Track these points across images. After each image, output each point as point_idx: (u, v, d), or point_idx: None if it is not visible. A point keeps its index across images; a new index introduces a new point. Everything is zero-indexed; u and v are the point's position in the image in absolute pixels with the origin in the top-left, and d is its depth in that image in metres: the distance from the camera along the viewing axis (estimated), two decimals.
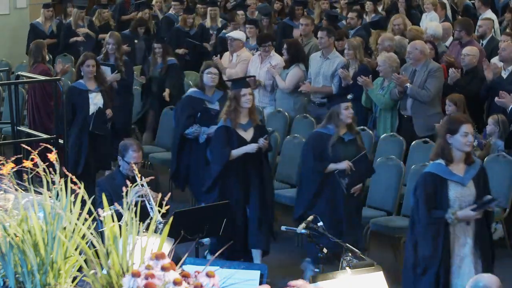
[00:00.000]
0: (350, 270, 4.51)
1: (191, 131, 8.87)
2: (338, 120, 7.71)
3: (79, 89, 9.70)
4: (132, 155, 7.09)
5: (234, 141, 7.96)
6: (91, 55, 9.91)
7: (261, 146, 7.98)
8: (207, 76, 8.88)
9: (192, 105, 8.94)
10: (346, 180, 7.66)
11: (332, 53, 10.47)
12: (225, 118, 8.00)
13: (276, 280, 4.11)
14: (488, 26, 11.24)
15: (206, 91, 8.93)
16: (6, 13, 15.80)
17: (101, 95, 9.74)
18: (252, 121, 8.08)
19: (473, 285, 4.29)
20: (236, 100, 7.95)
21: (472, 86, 9.52)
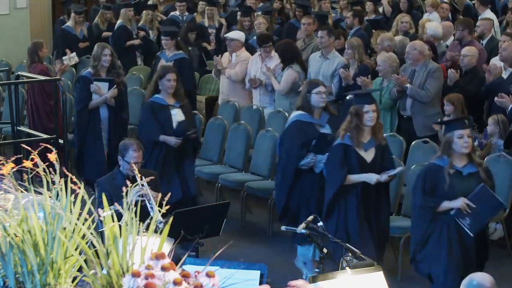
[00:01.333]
0: (350, 270, 4.51)
1: (306, 162, 7.81)
2: (451, 150, 6.71)
3: (159, 104, 8.76)
4: (132, 154, 7.10)
5: (353, 161, 7.17)
6: (172, 69, 9.00)
7: (382, 180, 7.17)
8: (315, 97, 7.84)
9: (303, 131, 7.86)
10: (468, 221, 6.66)
11: (331, 53, 10.46)
12: (344, 135, 7.18)
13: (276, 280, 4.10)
14: (487, 26, 11.24)
15: (314, 114, 7.93)
16: (6, 13, 15.81)
17: (182, 111, 8.83)
18: (375, 140, 7.24)
19: (467, 283, 4.31)
20: (358, 116, 7.12)
21: (472, 86, 9.52)
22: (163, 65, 9.66)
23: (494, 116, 8.66)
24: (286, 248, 8.58)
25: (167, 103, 8.74)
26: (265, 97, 10.77)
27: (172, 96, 8.76)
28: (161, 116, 8.73)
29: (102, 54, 9.74)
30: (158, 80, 8.78)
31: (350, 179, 7.16)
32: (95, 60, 9.79)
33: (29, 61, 10.93)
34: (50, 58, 14.02)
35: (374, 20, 13.06)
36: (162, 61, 10.83)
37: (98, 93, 9.72)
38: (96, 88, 9.70)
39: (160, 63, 10.57)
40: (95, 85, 9.68)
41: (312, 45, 11.51)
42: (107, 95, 9.72)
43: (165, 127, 8.71)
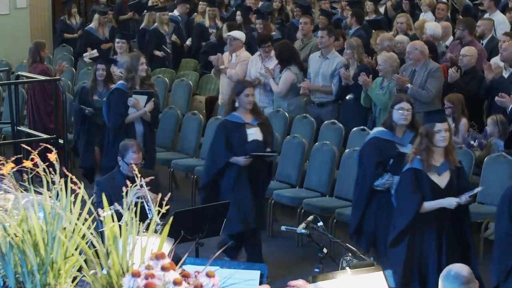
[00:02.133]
0: (350, 270, 4.51)
1: (382, 182, 7.22)
2: None
3: (234, 123, 7.95)
4: (132, 156, 7.10)
5: (425, 188, 6.55)
6: (249, 83, 8.32)
7: (463, 203, 6.54)
8: (397, 113, 7.23)
9: (382, 149, 7.29)
10: None
11: (331, 53, 10.46)
12: (413, 158, 6.59)
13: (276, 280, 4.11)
14: (487, 26, 11.23)
15: (396, 131, 7.32)
16: (6, 13, 15.81)
17: (260, 130, 8.01)
18: (449, 163, 6.61)
19: (445, 274, 4.37)
20: (429, 137, 6.51)
21: (471, 86, 9.52)
22: (239, 80, 9.00)
23: (493, 116, 8.65)
24: (286, 248, 8.58)
25: (243, 121, 7.93)
26: (264, 97, 10.76)
27: (250, 113, 7.97)
28: (235, 135, 7.93)
29: (138, 64, 8.99)
30: (235, 96, 7.98)
31: (426, 207, 6.51)
32: (130, 71, 8.98)
33: (30, 61, 10.92)
34: (50, 58, 14.02)
35: (374, 20, 13.06)
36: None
37: (136, 107, 8.94)
38: (135, 102, 8.90)
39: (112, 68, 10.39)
40: (133, 99, 8.90)
41: (310, 45, 11.51)
42: (146, 109, 8.97)
43: (238, 147, 7.91)
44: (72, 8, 15.11)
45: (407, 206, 6.57)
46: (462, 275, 4.35)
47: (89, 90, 9.76)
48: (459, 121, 8.79)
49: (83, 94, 9.81)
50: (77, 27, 15.01)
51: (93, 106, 9.60)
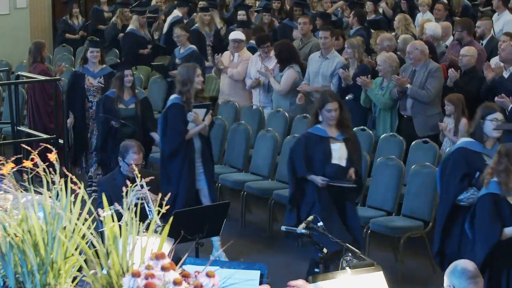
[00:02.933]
0: (350, 270, 4.51)
1: (466, 197, 6.68)
2: None
3: (317, 136, 7.37)
4: (132, 156, 7.10)
5: (505, 213, 5.96)
6: (334, 97, 7.59)
7: None
8: (489, 124, 6.74)
9: (469, 161, 6.73)
10: None
11: (331, 53, 10.47)
12: (489, 181, 6.00)
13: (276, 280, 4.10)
14: (487, 26, 11.24)
15: (485, 143, 6.77)
16: (6, 13, 15.82)
17: (346, 146, 7.40)
18: None
19: (452, 269, 4.39)
20: (509, 157, 5.96)
21: (471, 86, 9.51)
22: (323, 92, 8.13)
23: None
24: (286, 248, 8.58)
25: (327, 135, 7.34)
26: (264, 97, 10.78)
27: (336, 127, 7.34)
28: (317, 150, 7.31)
29: (194, 75, 8.33)
30: (318, 110, 7.40)
31: (507, 233, 5.95)
32: (185, 84, 8.30)
33: (30, 61, 10.93)
34: (50, 58, 14.02)
35: (374, 21, 13.06)
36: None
37: (196, 122, 8.30)
38: (195, 116, 8.27)
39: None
40: (194, 113, 8.26)
41: (309, 45, 11.51)
42: (206, 123, 8.38)
43: (320, 163, 7.30)
44: (73, 8, 15.07)
45: (486, 235, 6.00)
46: (469, 269, 4.36)
47: (115, 99, 9.21)
48: (459, 121, 8.78)
49: (107, 104, 9.18)
50: (79, 27, 14.99)
51: (120, 116, 9.11)
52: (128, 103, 9.29)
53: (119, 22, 14.42)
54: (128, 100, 9.29)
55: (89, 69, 10.10)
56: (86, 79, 10.05)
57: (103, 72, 10.10)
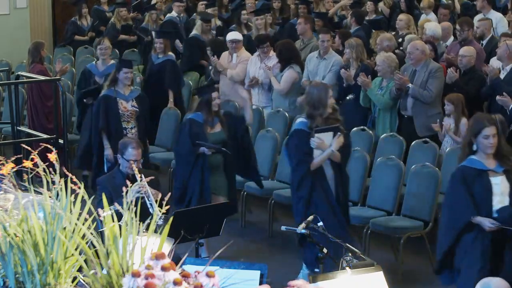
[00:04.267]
0: (350, 270, 4.51)
1: None
2: None
3: (474, 169, 6.45)
4: (131, 152, 7.07)
5: None
6: (492, 120, 6.51)
7: None
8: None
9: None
10: None
11: (329, 53, 10.48)
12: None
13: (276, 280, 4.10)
14: (486, 26, 11.24)
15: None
16: (6, 13, 15.82)
17: (507, 179, 6.44)
18: None
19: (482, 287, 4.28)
20: None
21: (470, 86, 9.52)
22: (477, 116, 6.80)
23: (493, 116, 8.65)
24: (286, 248, 8.58)
25: (486, 168, 6.38)
26: (263, 97, 10.78)
27: (493, 157, 6.38)
28: (476, 186, 6.38)
29: (327, 97, 7.39)
30: (471, 138, 6.42)
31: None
32: (316, 107, 7.36)
33: (29, 60, 10.93)
34: (50, 58, 14.02)
35: (374, 21, 13.06)
36: None
37: (321, 148, 7.35)
38: (319, 142, 7.31)
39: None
40: (317, 138, 7.30)
41: (310, 45, 11.51)
42: (333, 148, 7.38)
43: (482, 202, 6.35)
44: (82, 9, 14.99)
45: None
46: None
47: (204, 124, 8.21)
48: (459, 121, 8.79)
49: (194, 129, 8.19)
50: (88, 29, 14.92)
51: (210, 141, 8.18)
52: (214, 125, 8.31)
53: (117, 22, 14.41)
54: (213, 122, 8.30)
55: (120, 91, 9.16)
56: (119, 103, 9.15)
57: (134, 94, 9.32)
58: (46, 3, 16.65)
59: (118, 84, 9.13)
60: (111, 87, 9.14)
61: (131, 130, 9.13)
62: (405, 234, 8.08)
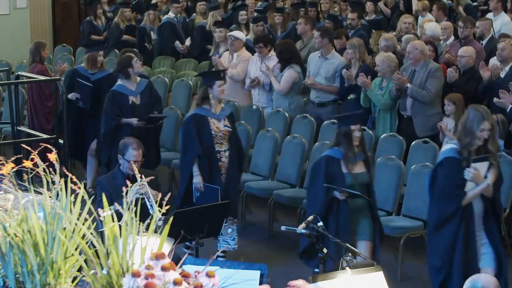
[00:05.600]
0: (350, 270, 4.51)
1: None
2: None
3: None
4: (132, 153, 7.07)
5: None
6: None
7: None
8: None
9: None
10: None
11: (330, 53, 10.48)
12: None
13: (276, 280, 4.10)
14: (486, 26, 11.25)
15: None
16: (6, 13, 15.82)
17: None
18: None
19: (471, 286, 4.26)
20: None
21: (470, 86, 9.52)
22: None
23: (493, 116, 8.64)
24: (286, 248, 8.58)
25: None
26: (263, 97, 10.78)
27: None
28: None
29: (479, 126, 6.57)
30: None
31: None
32: (468, 134, 6.57)
33: (30, 60, 10.93)
34: (50, 58, 14.02)
35: (375, 21, 13.06)
36: None
37: (476, 180, 6.53)
38: (474, 173, 6.50)
39: None
40: (472, 169, 6.54)
41: (309, 45, 11.52)
42: (489, 181, 6.58)
43: None
44: (97, 9, 14.92)
45: None
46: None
47: (344, 161, 7.04)
48: (459, 121, 8.78)
49: (331, 167, 7.09)
50: (103, 28, 14.88)
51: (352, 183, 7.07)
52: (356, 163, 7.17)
53: (121, 23, 14.39)
54: (355, 159, 7.14)
55: (210, 110, 8.16)
56: (210, 122, 8.12)
57: (225, 112, 8.30)
58: (46, 3, 16.65)
59: (208, 101, 8.10)
60: (202, 105, 8.08)
61: (225, 153, 8.12)
62: (405, 234, 8.08)
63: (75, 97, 10.11)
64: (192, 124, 8.02)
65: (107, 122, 9.16)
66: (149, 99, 9.35)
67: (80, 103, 10.17)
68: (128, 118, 9.11)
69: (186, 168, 8.09)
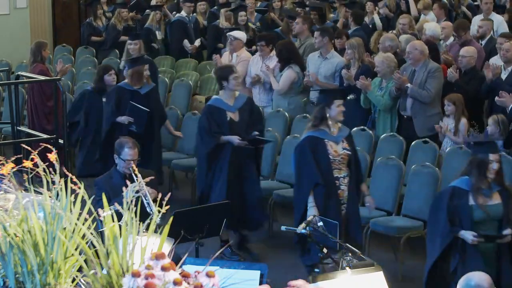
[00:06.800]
0: (350, 270, 4.51)
1: None
2: None
3: None
4: (127, 152, 7.03)
5: None
6: None
7: None
8: None
9: None
10: None
11: (330, 53, 10.48)
12: None
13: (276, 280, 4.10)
14: (488, 27, 11.26)
15: None
16: (6, 13, 15.81)
17: None
18: None
19: (465, 284, 4.25)
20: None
21: (471, 86, 9.52)
22: None
23: (494, 116, 8.65)
24: (286, 248, 8.57)
25: None
26: (264, 96, 10.78)
27: None
28: None
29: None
30: None
31: None
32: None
33: (31, 60, 10.93)
34: (50, 58, 14.01)
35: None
36: None
37: None
38: None
39: None
40: None
41: (306, 45, 11.52)
42: None
43: None
44: (97, 10, 14.91)
45: None
46: (483, 286, 4.21)
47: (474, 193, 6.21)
48: (459, 121, 8.79)
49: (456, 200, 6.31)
50: (103, 29, 14.86)
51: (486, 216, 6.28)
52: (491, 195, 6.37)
53: (118, 23, 14.37)
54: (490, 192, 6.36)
55: (326, 131, 7.39)
56: (327, 145, 7.35)
57: (344, 133, 7.50)
58: (46, 3, 16.65)
59: (326, 122, 7.36)
60: (318, 127, 7.33)
61: (344, 180, 7.33)
62: (405, 234, 8.08)
63: (128, 121, 9.16)
64: (307, 147, 7.18)
65: (206, 141, 8.15)
66: (250, 116, 8.38)
67: (133, 127, 9.16)
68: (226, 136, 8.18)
69: (301, 198, 7.21)
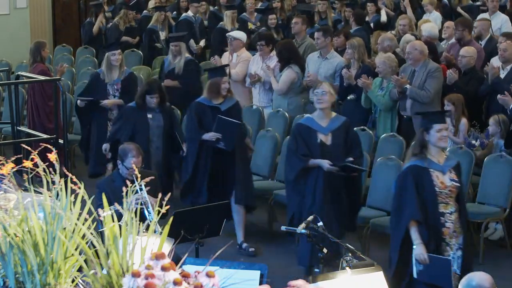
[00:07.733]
0: (350, 270, 4.51)
1: None
2: None
3: None
4: (132, 160, 7.00)
5: None
6: None
7: None
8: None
9: None
10: None
11: (330, 53, 10.48)
12: None
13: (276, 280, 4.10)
14: (483, 26, 11.24)
15: None
16: (6, 13, 15.82)
17: None
18: None
19: (466, 284, 4.24)
20: None
21: (470, 86, 9.53)
22: None
23: (495, 116, 8.66)
24: (286, 248, 8.58)
25: None
26: (264, 96, 10.78)
27: None
28: None
29: None
30: None
31: None
32: None
33: (31, 60, 10.93)
34: (50, 58, 14.02)
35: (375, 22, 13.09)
36: None
37: None
38: None
39: None
40: None
41: (304, 45, 11.52)
42: None
43: None
44: (100, 13, 14.89)
45: None
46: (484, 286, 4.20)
47: None
48: (459, 121, 8.79)
49: None
50: (104, 29, 14.85)
51: None
52: None
53: (122, 24, 14.36)
54: None
55: (431, 160, 6.56)
56: (433, 176, 6.45)
57: (451, 163, 6.59)
58: (46, 3, 16.66)
59: (427, 149, 6.48)
60: (421, 155, 6.46)
61: (450, 216, 6.42)
62: None
63: (215, 138, 8.43)
64: (410, 178, 6.40)
65: (292, 164, 7.49)
66: (345, 141, 7.51)
67: (221, 143, 8.42)
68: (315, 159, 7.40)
69: (398, 235, 6.50)
